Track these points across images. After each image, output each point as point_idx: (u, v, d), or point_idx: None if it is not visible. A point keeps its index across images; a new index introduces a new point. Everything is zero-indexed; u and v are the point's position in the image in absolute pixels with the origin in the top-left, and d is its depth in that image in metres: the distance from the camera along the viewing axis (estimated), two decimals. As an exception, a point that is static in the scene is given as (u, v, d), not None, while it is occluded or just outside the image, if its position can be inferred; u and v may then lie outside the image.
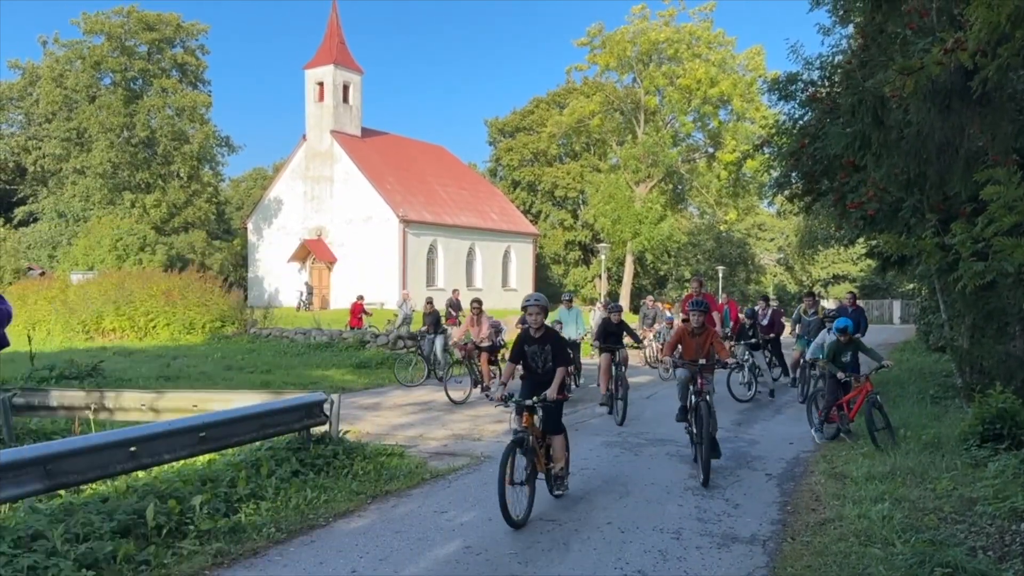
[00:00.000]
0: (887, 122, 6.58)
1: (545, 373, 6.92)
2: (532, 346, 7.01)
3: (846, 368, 9.75)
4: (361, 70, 44.76)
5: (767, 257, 65.54)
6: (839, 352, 9.85)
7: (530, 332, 7.01)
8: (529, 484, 6.61)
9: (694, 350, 8.45)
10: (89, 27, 44.99)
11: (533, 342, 7.00)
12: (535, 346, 6.99)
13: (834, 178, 12.00)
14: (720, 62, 49.93)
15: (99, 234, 39.56)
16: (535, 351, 6.99)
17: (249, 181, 69.91)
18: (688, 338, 8.57)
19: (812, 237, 42.29)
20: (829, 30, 14.81)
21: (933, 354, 20.25)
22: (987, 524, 6.19)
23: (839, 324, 9.94)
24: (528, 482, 6.59)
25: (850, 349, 9.80)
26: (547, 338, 7.00)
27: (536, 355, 6.99)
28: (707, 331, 8.56)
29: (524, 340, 7.06)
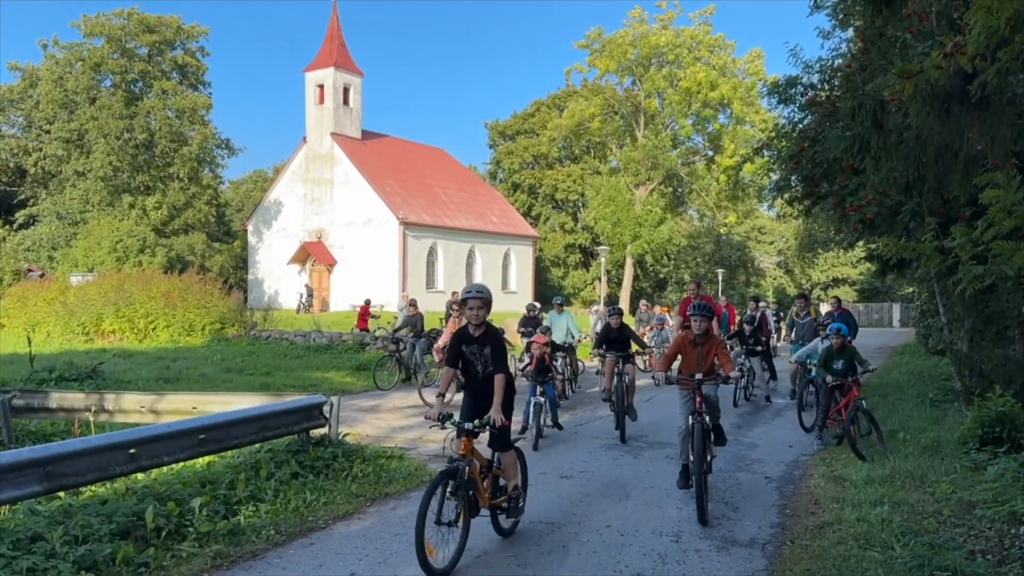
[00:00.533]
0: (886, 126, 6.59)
1: (486, 380, 5.96)
2: (470, 346, 6.05)
3: (838, 374, 9.51)
4: (361, 72, 44.82)
5: (767, 260, 65.55)
6: (831, 358, 9.64)
7: (468, 330, 6.05)
8: (462, 523, 5.58)
9: (695, 363, 7.24)
10: (89, 29, 45.04)
11: (471, 341, 6.03)
12: (473, 346, 6.03)
13: (833, 181, 12.01)
14: (721, 66, 50.01)
15: (99, 236, 39.56)
16: (474, 352, 6.05)
17: (249, 183, 69.96)
18: (689, 348, 7.34)
19: (811, 240, 42.31)
20: (829, 34, 14.82)
21: (932, 357, 20.26)
22: (986, 528, 6.19)
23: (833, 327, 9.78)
24: (459, 521, 5.54)
25: (844, 356, 9.56)
26: (487, 337, 5.99)
27: (475, 357, 6.06)
28: (711, 340, 7.30)
29: (462, 339, 6.08)
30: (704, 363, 7.19)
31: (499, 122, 63.10)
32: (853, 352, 9.68)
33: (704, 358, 7.23)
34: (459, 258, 45.08)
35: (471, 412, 5.96)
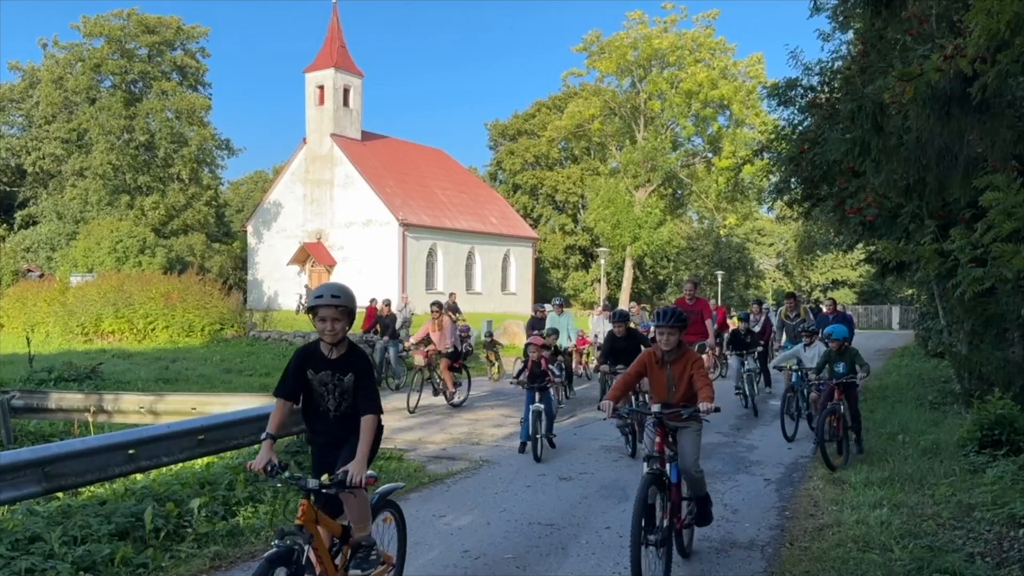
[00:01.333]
0: (886, 128, 6.59)
1: (343, 421, 4.15)
2: (322, 372, 4.14)
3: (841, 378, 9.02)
4: (361, 73, 44.83)
5: (766, 262, 65.59)
6: (832, 362, 9.23)
7: (321, 349, 4.18)
8: None
9: (664, 388, 5.54)
10: (89, 30, 45.07)
11: (323, 364, 4.15)
12: (325, 372, 4.14)
13: (833, 184, 12.03)
14: (721, 68, 50.08)
15: (98, 236, 39.56)
16: (326, 381, 4.15)
17: (249, 184, 69.98)
18: (656, 369, 5.58)
19: (811, 242, 42.34)
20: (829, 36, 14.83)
21: (932, 360, 20.25)
22: (985, 530, 6.19)
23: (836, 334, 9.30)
24: None
25: (845, 359, 9.15)
26: (349, 361, 4.14)
27: (327, 387, 4.16)
28: (685, 357, 5.53)
29: (306, 360, 4.20)
30: (676, 389, 5.49)
31: (499, 122, 63.19)
32: (854, 354, 9.31)
33: (676, 382, 5.49)
34: (459, 259, 45.10)
35: (320, 465, 4.26)
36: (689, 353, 5.61)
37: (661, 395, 5.58)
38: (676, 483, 5.43)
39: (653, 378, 5.64)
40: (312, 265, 43.08)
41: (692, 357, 5.57)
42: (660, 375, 5.58)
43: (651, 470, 5.12)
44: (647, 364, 5.64)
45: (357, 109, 44.42)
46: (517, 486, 7.90)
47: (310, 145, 43.77)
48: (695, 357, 5.60)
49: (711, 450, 9.93)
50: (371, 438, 4.04)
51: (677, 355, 5.52)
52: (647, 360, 5.65)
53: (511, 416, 12.30)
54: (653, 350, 5.63)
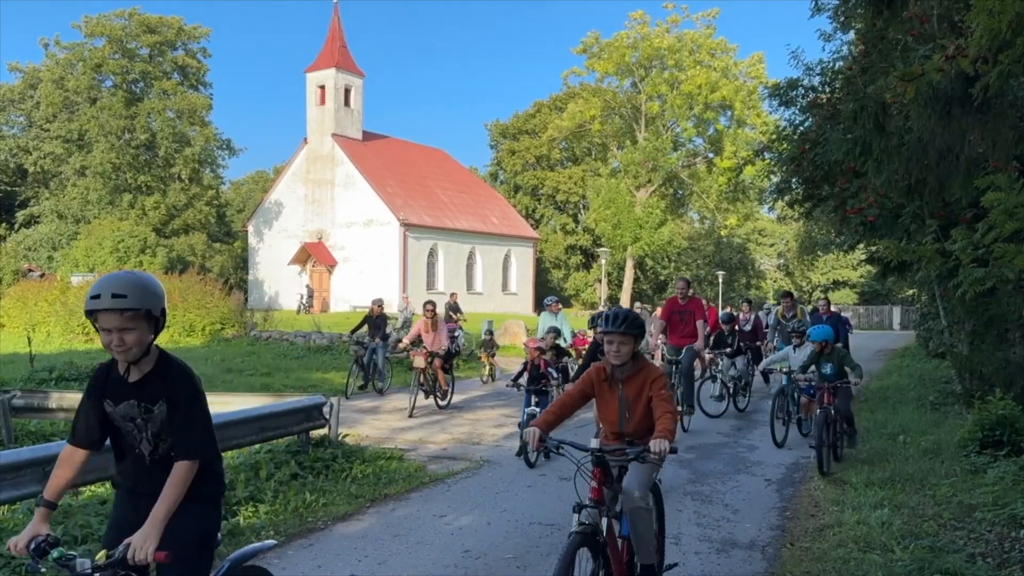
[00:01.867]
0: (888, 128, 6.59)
1: (164, 468, 2.94)
2: (122, 403, 3.00)
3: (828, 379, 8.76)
4: (363, 73, 44.84)
5: (767, 262, 65.59)
6: (818, 363, 8.93)
7: (116, 371, 3.02)
8: None
9: (616, 413, 4.42)
10: (90, 30, 45.10)
11: (124, 392, 3.00)
12: (128, 403, 3.00)
13: (834, 184, 12.03)
14: (722, 69, 50.08)
15: (100, 236, 39.58)
16: (130, 415, 3.01)
17: (250, 184, 70.03)
18: (605, 389, 4.44)
19: (812, 243, 42.36)
20: (830, 36, 14.85)
21: (933, 360, 20.25)
22: (986, 531, 6.18)
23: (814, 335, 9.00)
24: None
25: (832, 360, 8.84)
26: (159, 384, 2.97)
27: (135, 423, 3.01)
28: (643, 373, 4.35)
29: (102, 387, 3.05)
30: (631, 415, 4.37)
31: (500, 122, 63.22)
32: (843, 356, 9.02)
33: (630, 406, 4.37)
34: (459, 259, 45.10)
35: (121, 526, 3.04)
36: (648, 368, 4.41)
37: (611, 423, 4.48)
38: (626, 536, 4.32)
39: (601, 401, 4.50)
40: (313, 265, 43.10)
41: (652, 374, 4.36)
42: (610, 397, 4.44)
43: (581, 526, 3.95)
44: (594, 382, 4.46)
45: (358, 109, 44.43)
46: (518, 486, 7.90)
47: (311, 145, 43.79)
48: (656, 374, 4.38)
49: (711, 450, 9.93)
50: (177, 494, 2.85)
51: (632, 371, 4.34)
52: (594, 378, 4.46)
53: (512, 416, 12.30)
54: (602, 365, 4.45)
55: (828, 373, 8.84)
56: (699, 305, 11.47)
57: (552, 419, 4.39)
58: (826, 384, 8.73)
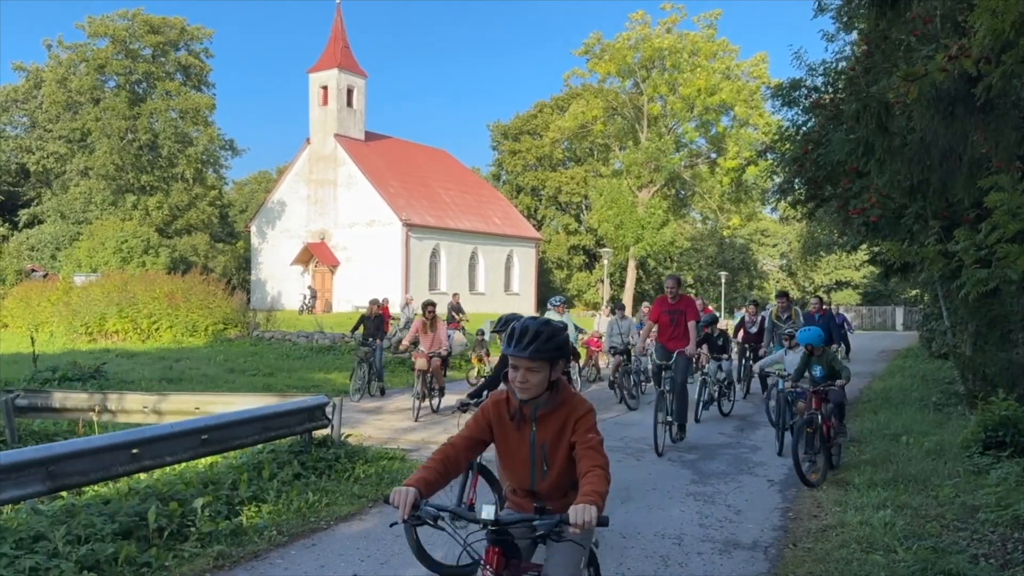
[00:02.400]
0: (891, 128, 6.58)
1: None
2: None
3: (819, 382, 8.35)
4: (365, 74, 44.87)
5: (770, 263, 65.53)
6: (808, 366, 8.53)
7: None
8: None
9: (526, 466, 3.23)
10: (94, 30, 45.18)
11: None
12: None
13: (837, 184, 12.01)
14: (724, 70, 50.05)
15: (103, 236, 39.65)
16: None
17: (253, 184, 70.07)
18: (509, 429, 3.21)
19: (815, 243, 42.29)
20: (833, 36, 14.85)
21: (936, 361, 20.23)
22: (989, 531, 6.17)
23: (800, 339, 8.65)
24: None
25: (822, 361, 8.46)
26: None
27: None
28: (565, 410, 3.17)
29: None
30: (548, 467, 3.19)
31: (502, 123, 63.25)
32: (832, 358, 8.63)
33: (546, 456, 3.17)
34: (462, 260, 45.12)
35: None
36: (573, 403, 3.13)
37: (519, 478, 3.22)
38: None
39: (504, 446, 3.18)
40: (316, 265, 43.14)
41: (578, 410, 3.11)
42: (517, 442, 3.14)
43: None
44: (491, 421, 3.17)
45: (360, 109, 44.46)
46: (520, 486, 7.88)
47: (314, 145, 43.82)
48: (583, 410, 3.11)
49: (714, 451, 9.93)
50: None
51: (550, 406, 3.09)
52: (492, 414, 3.17)
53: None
54: (505, 394, 3.18)
55: (818, 376, 8.42)
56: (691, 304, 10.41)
57: (433, 477, 2.97)
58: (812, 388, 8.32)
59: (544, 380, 3.05)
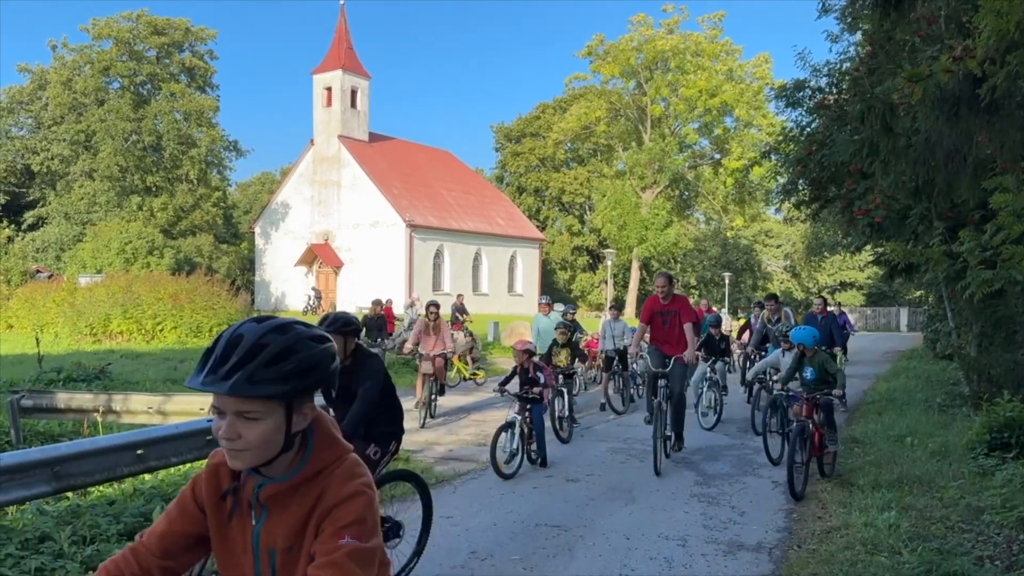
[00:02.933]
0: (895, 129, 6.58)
1: None
2: None
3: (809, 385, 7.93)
4: (369, 75, 44.90)
5: (774, 264, 65.44)
6: (800, 367, 8.09)
7: None
8: None
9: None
10: (98, 31, 45.27)
11: None
12: None
13: (841, 185, 12.00)
14: (727, 71, 50.03)
15: (107, 237, 39.73)
16: None
17: (257, 185, 70.15)
18: (224, 527, 1.84)
19: (819, 244, 42.28)
20: (837, 37, 14.84)
21: (940, 362, 20.18)
22: (994, 533, 6.16)
23: (795, 338, 8.25)
24: None
25: (813, 364, 7.98)
26: None
27: None
28: (315, 484, 1.77)
29: None
30: None
31: (504, 125, 63.34)
32: (824, 360, 8.07)
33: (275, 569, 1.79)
34: (465, 261, 45.13)
35: None
36: (331, 475, 1.81)
37: None
38: None
39: (219, 551, 1.89)
40: (319, 266, 43.18)
41: (334, 491, 1.77)
42: (238, 546, 1.85)
43: None
44: (202, 501, 1.88)
45: (364, 111, 44.50)
46: (524, 488, 7.90)
47: (317, 146, 43.88)
48: (343, 493, 1.76)
49: (718, 452, 9.92)
50: None
51: (286, 483, 1.80)
52: (201, 490, 1.89)
53: (518, 417, 12.28)
54: (219, 462, 1.88)
55: (809, 378, 7.93)
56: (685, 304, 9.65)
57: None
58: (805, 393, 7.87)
59: (272, 433, 1.73)
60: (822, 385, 7.89)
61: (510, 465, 8.24)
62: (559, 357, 10.87)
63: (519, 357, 8.96)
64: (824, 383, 7.90)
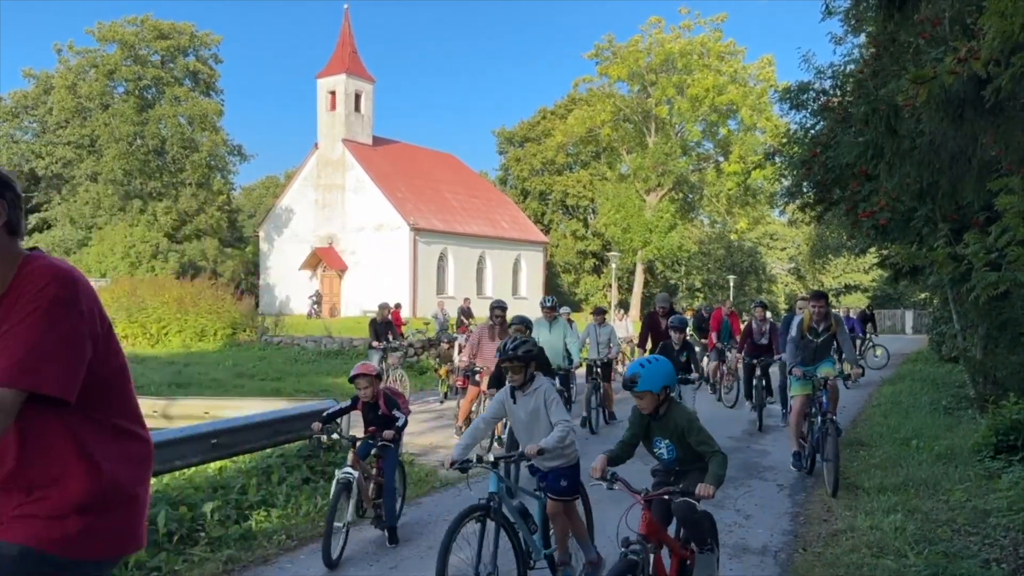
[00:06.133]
0: (900, 131, 6.57)
1: None
2: None
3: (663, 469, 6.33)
4: (373, 79, 44.98)
5: (778, 266, 65.35)
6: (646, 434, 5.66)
7: None
8: None
9: None
10: (103, 35, 45.38)
11: None
12: None
13: (846, 187, 11.98)
14: (731, 72, 50.01)
15: (112, 241, 39.83)
16: None
17: (261, 189, 70.27)
18: None
19: (823, 246, 42.14)
20: (841, 39, 14.81)
21: (946, 364, 20.12)
22: (1001, 536, 6.14)
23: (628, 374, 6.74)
24: None
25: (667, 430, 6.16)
26: None
27: None
28: None
29: None
30: None
31: (506, 129, 63.49)
32: (686, 424, 6.39)
33: None
34: (470, 264, 45.14)
35: None
36: None
37: None
38: None
39: None
40: (324, 270, 43.22)
41: None
42: None
43: None
44: None
45: (368, 114, 44.57)
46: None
47: (322, 150, 43.95)
48: None
49: (723, 455, 9.88)
50: None
51: None
52: None
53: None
54: None
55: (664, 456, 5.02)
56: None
57: None
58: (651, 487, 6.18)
59: None
60: (688, 466, 4.61)
61: (336, 541, 5.75)
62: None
63: (359, 384, 6.15)
64: (692, 461, 4.55)
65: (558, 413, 4.78)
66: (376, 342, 14.66)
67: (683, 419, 4.46)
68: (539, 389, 4.86)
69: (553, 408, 4.83)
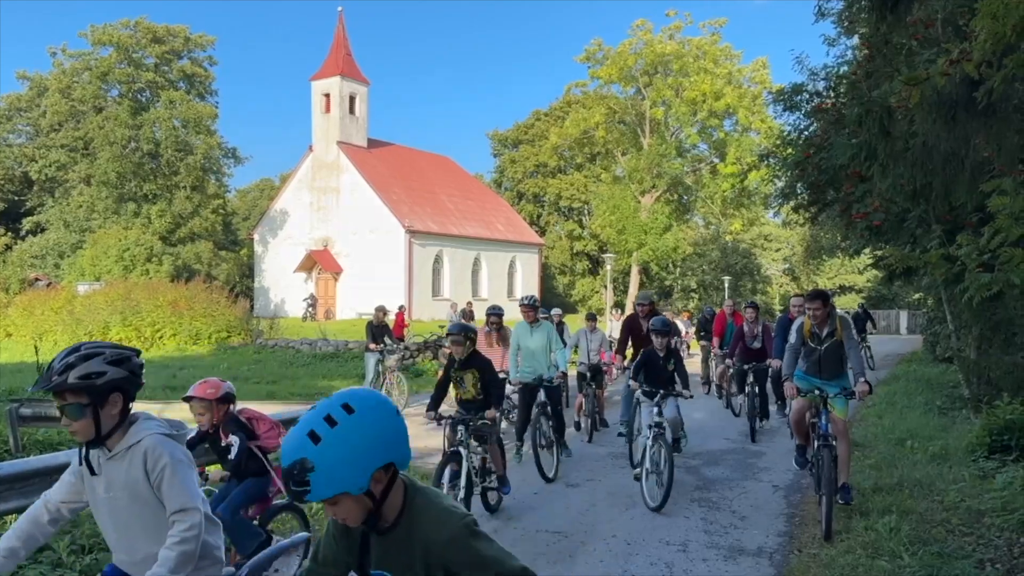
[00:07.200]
0: (893, 133, 6.58)
1: None
2: None
3: None
4: (367, 81, 44.94)
5: (773, 267, 65.46)
6: None
7: None
8: None
9: None
10: (97, 38, 45.25)
11: None
12: None
13: (840, 188, 12.01)
14: (727, 75, 50.11)
15: (105, 244, 39.72)
16: None
17: (255, 192, 70.15)
18: None
19: (818, 247, 42.23)
20: (834, 41, 14.88)
21: (940, 365, 20.18)
22: (995, 536, 6.15)
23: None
24: None
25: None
26: None
27: None
28: None
29: None
30: None
31: (499, 132, 63.62)
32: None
33: None
34: (465, 266, 45.12)
35: None
36: None
37: None
38: None
39: None
40: (319, 272, 43.16)
41: None
42: None
43: None
44: None
45: (363, 117, 44.53)
46: (524, 493, 7.88)
47: (316, 153, 43.90)
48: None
49: (718, 456, 9.91)
50: None
51: None
52: None
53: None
54: None
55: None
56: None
57: None
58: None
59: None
60: None
61: None
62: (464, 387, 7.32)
63: (193, 409, 5.03)
64: None
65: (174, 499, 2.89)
66: (373, 344, 14.65)
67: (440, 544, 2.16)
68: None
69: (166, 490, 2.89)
